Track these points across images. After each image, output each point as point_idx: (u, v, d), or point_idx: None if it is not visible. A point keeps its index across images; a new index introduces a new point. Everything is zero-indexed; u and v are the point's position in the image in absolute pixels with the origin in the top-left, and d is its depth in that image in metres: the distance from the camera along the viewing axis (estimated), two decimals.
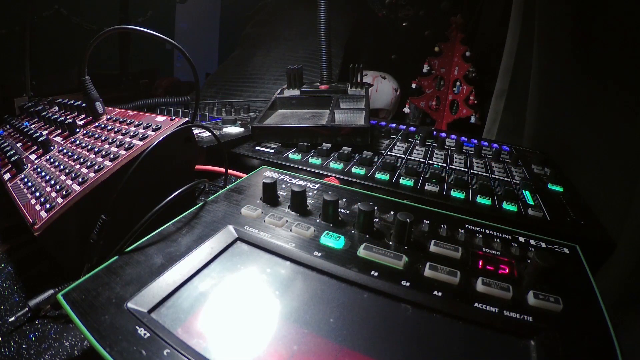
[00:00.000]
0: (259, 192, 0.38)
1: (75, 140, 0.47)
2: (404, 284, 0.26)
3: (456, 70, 0.98)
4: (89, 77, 0.49)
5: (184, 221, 0.33)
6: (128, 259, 0.28)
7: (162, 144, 0.37)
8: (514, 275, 0.28)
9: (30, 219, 0.35)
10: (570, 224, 0.42)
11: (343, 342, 0.22)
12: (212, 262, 0.28)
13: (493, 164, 0.58)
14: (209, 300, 0.25)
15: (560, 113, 0.65)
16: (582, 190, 0.51)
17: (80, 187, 0.36)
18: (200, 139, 0.60)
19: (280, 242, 0.30)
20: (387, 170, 0.51)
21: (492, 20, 0.98)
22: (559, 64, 0.65)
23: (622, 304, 0.33)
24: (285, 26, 1.18)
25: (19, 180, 0.43)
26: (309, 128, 0.59)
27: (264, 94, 1.02)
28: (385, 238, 0.31)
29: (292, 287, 0.26)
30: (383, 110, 1.01)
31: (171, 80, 1.22)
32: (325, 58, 0.78)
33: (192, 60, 0.48)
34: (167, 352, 0.20)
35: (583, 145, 0.58)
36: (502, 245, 0.31)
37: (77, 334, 0.30)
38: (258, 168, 0.45)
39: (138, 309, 0.23)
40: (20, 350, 0.28)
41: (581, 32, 0.60)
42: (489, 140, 0.71)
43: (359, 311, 0.24)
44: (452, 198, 0.45)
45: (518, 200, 0.45)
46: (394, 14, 1.12)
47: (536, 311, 0.24)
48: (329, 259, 0.28)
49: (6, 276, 0.37)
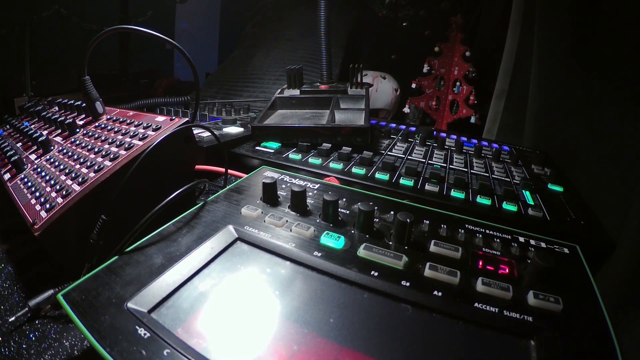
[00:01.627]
0: (259, 192, 0.38)
1: (75, 140, 0.47)
2: (404, 284, 0.26)
3: (456, 70, 0.98)
4: (89, 77, 0.49)
5: (184, 221, 0.33)
6: (128, 259, 0.28)
7: (162, 144, 0.37)
8: (514, 275, 0.28)
9: (30, 219, 0.35)
10: (570, 224, 0.42)
11: (343, 342, 0.22)
12: (212, 262, 0.28)
13: (493, 164, 0.58)
14: (209, 300, 0.25)
15: (560, 113, 0.65)
16: (582, 190, 0.51)
17: (80, 187, 0.36)
18: (200, 139, 0.60)
19: (280, 242, 0.30)
20: (387, 170, 0.51)
21: (492, 20, 0.98)
22: (559, 64, 0.65)
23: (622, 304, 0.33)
24: (285, 26, 1.17)
25: (19, 180, 0.43)
26: (309, 128, 0.59)
27: (264, 94, 1.02)
28: (385, 238, 0.31)
29: (292, 287, 0.26)
30: (383, 110, 1.01)
31: (171, 80, 1.22)
32: (325, 58, 0.78)
33: (192, 60, 0.48)
34: (167, 352, 0.20)
35: (583, 145, 0.58)
36: (502, 245, 0.31)
37: (77, 334, 0.30)
38: (258, 168, 0.45)
39: (138, 309, 0.23)
40: (20, 350, 0.28)
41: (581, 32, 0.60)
42: (489, 140, 0.71)
43: (359, 311, 0.24)
44: (452, 198, 0.45)
45: (518, 200, 0.45)
46: (394, 14, 1.12)
47: (536, 311, 0.24)
48: (329, 259, 0.28)
49: (6, 276, 0.37)
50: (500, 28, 0.87)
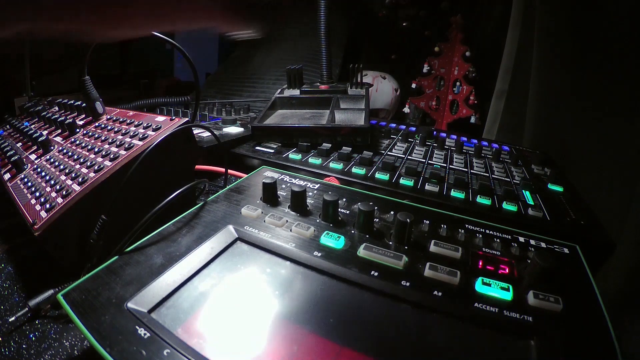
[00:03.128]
0: (259, 192, 0.38)
1: (75, 140, 0.47)
2: (404, 284, 0.26)
3: (456, 70, 0.98)
4: (89, 77, 0.49)
5: (184, 221, 0.33)
6: (128, 259, 0.28)
7: (162, 144, 0.37)
8: (514, 275, 0.28)
9: (30, 219, 0.35)
10: (570, 224, 0.42)
11: (343, 342, 0.22)
12: (212, 262, 0.28)
13: (493, 164, 0.58)
14: (209, 300, 0.25)
15: (560, 113, 0.65)
16: (582, 190, 0.51)
17: (80, 187, 0.36)
18: (200, 139, 0.60)
19: (280, 242, 0.30)
20: (387, 170, 0.51)
21: (492, 20, 0.98)
22: (559, 64, 0.65)
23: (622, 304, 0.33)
24: (285, 26, 1.18)
25: (19, 180, 0.43)
26: (309, 128, 0.59)
27: (264, 94, 1.02)
28: (385, 238, 0.31)
29: (292, 287, 0.26)
30: (383, 110, 1.01)
31: (171, 80, 1.22)
32: (325, 58, 0.78)
33: (192, 60, 0.48)
34: (167, 352, 0.20)
35: (583, 145, 0.58)
36: (502, 245, 0.31)
37: (77, 334, 0.30)
38: (258, 168, 0.45)
39: (138, 309, 0.23)
40: (20, 350, 0.28)
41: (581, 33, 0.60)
42: (489, 140, 0.71)
43: (359, 311, 0.24)
44: (452, 198, 0.45)
45: (518, 200, 0.45)
46: (394, 14, 1.12)
47: (536, 311, 0.24)
48: (329, 259, 0.28)
49: (6, 276, 0.37)
50: (500, 28, 0.87)
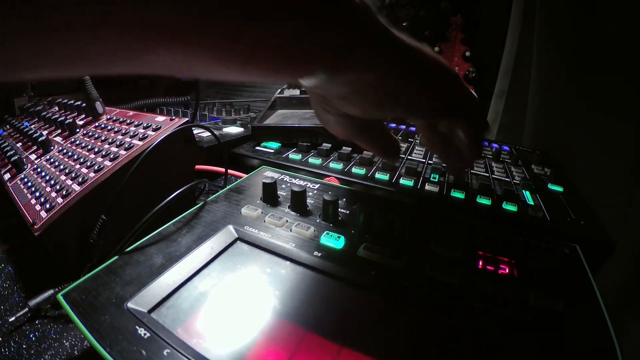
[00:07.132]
0: (259, 192, 0.38)
1: (75, 140, 0.47)
2: (404, 284, 0.26)
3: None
4: (89, 77, 0.49)
5: (184, 221, 0.33)
6: (128, 259, 0.28)
7: (162, 144, 0.37)
8: (514, 275, 0.28)
9: (30, 219, 0.35)
10: (570, 224, 0.42)
11: (343, 342, 0.22)
12: (212, 262, 0.28)
13: (493, 164, 0.58)
14: (209, 300, 0.25)
15: (560, 113, 0.65)
16: (582, 190, 0.51)
17: (80, 187, 0.36)
18: (200, 139, 0.60)
19: (280, 242, 0.30)
20: (387, 170, 0.51)
21: (492, 20, 0.98)
22: (559, 64, 0.65)
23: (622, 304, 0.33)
24: None
25: (19, 180, 0.43)
26: (309, 128, 0.59)
27: (264, 94, 1.02)
28: (386, 238, 0.31)
29: (292, 287, 0.26)
30: None
31: (171, 80, 1.22)
32: None
33: None
34: (167, 352, 0.20)
35: (583, 145, 0.58)
36: (502, 245, 0.31)
37: (77, 334, 0.30)
38: (258, 168, 0.45)
39: (138, 309, 0.23)
40: (20, 350, 0.28)
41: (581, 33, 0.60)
42: (489, 140, 0.71)
43: (359, 311, 0.24)
44: (452, 198, 0.45)
45: (518, 200, 0.45)
46: (394, 14, 1.12)
47: (536, 311, 0.24)
48: (329, 259, 0.28)
49: (6, 276, 0.37)
50: (500, 28, 0.87)
